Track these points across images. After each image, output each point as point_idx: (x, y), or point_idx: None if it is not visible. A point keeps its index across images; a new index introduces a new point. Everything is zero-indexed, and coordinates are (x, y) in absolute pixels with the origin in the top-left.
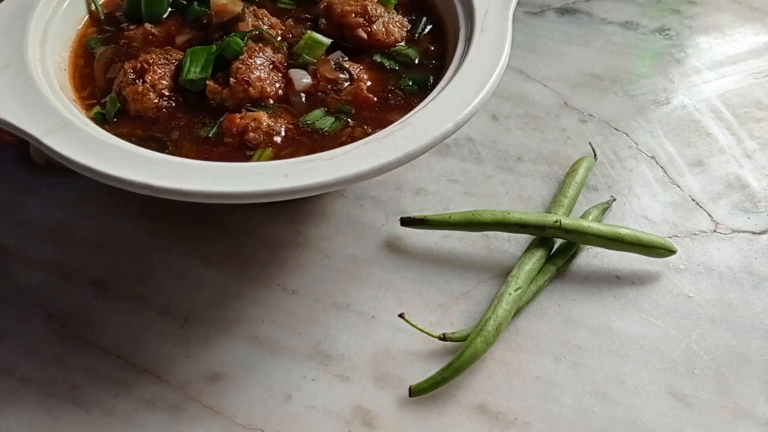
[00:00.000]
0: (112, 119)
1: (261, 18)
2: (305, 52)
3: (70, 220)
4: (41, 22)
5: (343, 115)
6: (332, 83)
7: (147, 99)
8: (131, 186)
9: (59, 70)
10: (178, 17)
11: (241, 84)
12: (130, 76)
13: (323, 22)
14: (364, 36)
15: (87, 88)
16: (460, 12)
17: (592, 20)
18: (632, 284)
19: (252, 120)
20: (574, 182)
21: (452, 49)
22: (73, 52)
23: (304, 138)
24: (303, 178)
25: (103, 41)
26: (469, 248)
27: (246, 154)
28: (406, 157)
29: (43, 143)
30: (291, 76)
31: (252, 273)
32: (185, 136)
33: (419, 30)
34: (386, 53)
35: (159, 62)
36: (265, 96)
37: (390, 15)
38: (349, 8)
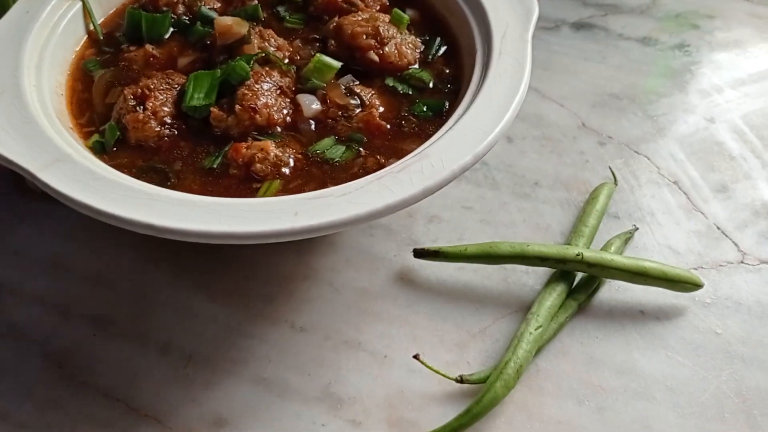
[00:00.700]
0: (111, 149)
1: (267, 39)
2: (314, 76)
3: (67, 250)
4: (37, 45)
5: (354, 143)
6: (343, 109)
7: (148, 127)
8: (132, 225)
9: (56, 96)
10: (180, 38)
11: (247, 111)
12: (130, 102)
13: (333, 44)
14: (375, 59)
15: (85, 114)
16: (476, 33)
17: (608, 36)
18: (657, 320)
19: (259, 150)
20: (594, 210)
21: (468, 72)
22: (71, 75)
23: (314, 169)
24: (314, 217)
25: (102, 64)
26: (485, 281)
27: (253, 186)
28: (423, 192)
29: (38, 178)
30: (299, 102)
31: (258, 308)
32: (188, 166)
33: (433, 52)
34: (399, 76)
35: (160, 87)
36: (273, 123)
37: (402, 36)
38: (360, 29)
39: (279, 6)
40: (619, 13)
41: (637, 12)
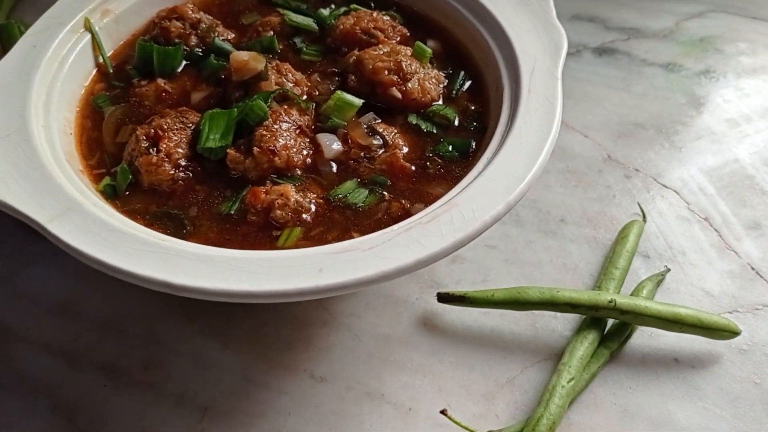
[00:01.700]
0: (123, 192)
1: (285, 74)
2: (335, 115)
3: (76, 293)
4: (45, 81)
5: (377, 186)
6: (365, 150)
7: (162, 171)
8: (148, 283)
9: (64, 135)
10: (193, 71)
11: (266, 154)
12: (142, 144)
13: (353, 79)
14: (398, 95)
15: (95, 155)
16: (502, 68)
17: (631, 61)
18: (692, 368)
19: (278, 196)
20: (624, 251)
21: (495, 109)
22: (80, 112)
23: (336, 214)
24: (340, 274)
25: (112, 99)
26: (512, 326)
27: (272, 234)
28: (454, 246)
29: (48, 231)
30: (320, 142)
31: (276, 356)
32: (204, 212)
33: (457, 86)
34: (422, 113)
35: (174, 127)
36: (292, 166)
37: (425, 71)
38: (382, 64)
39: (295, 37)
40: (641, 37)
41: (660, 36)
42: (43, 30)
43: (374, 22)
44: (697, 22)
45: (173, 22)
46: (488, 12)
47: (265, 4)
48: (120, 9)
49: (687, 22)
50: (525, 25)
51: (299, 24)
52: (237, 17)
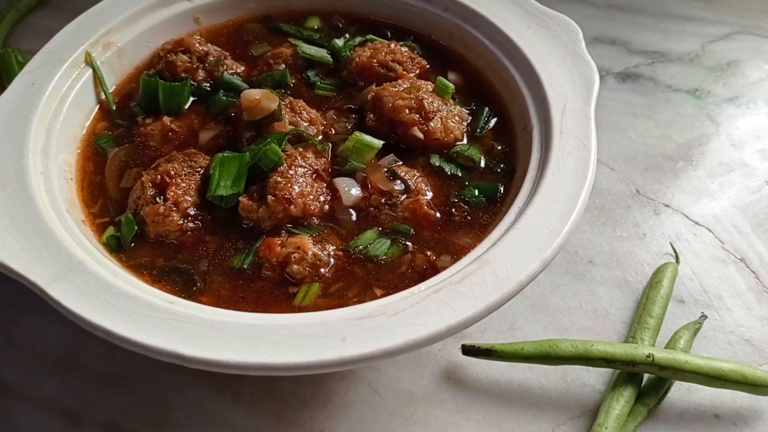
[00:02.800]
0: (128, 245)
1: (299, 112)
2: (353, 157)
3: (78, 344)
4: (44, 122)
5: (400, 236)
6: (386, 196)
7: (169, 221)
8: (157, 354)
9: (65, 181)
10: (201, 107)
11: (281, 202)
12: (148, 192)
13: (371, 118)
14: (420, 136)
15: (98, 202)
16: (530, 105)
17: (657, 87)
18: (734, 425)
19: (295, 249)
20: (659, 298)
21: (523, 149)
22: (81, 154)
23: (357, 268)
24: (365, 343)
25: (115, 139)
26: (542, 380)
27: (288, 290)
28: (488, 309)
29: (48, 294)
30: (337, 187)
31: (291, 414)
32: (216, 266)
33: (481, 124)
34: (445, 154)
35: (182, 173)
36: (309, 214)
37: (448, 108)
38: (402, 102)
39: (309, 70)
40: (666, 61)
41: (686, 60)
42: (41, 66)
43: (392, 54)
44: (723, 44)
45: (179, 55)
46: (513, 43)
47: (275, 33)
48: (123, 41)
49: (712, 44)
50: (553, 58)
51: (312, 56)
52: (246, 47)
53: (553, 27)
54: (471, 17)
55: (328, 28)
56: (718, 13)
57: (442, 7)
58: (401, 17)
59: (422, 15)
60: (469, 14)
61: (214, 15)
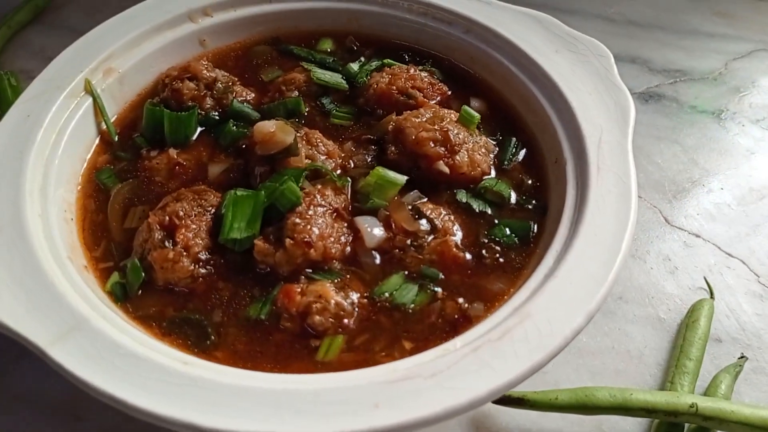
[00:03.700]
0: (134, 293)
1: (315, 144)
2: (375, 194)
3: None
4: (41, 158)
5: (428, 281)
6: (411, 236)
7: (179, 267)
8: (170, 424)
9: (65, 223)
10: (209, 138)
11: (300, 246)
12: (156, 235)
13: (393, 151)
14: (445, 170)
15: (100, 244)
16: (562, 137)
17: (680, 108)
18: None
19: (316, 297)
20: (697, 339)
21: (556, 185)
22: (82, 191)
23: (383, 317)
24: (400, 410)
25: (118, 174)
26: (576, 428)
27: (310, 344)
28: (532, 369)
29: (49, 357)
30: (359, 227)
31: None
32: (230, 317)
33: (509, 156)
34: (472, 189)
35: (191, 213)
36: (329, 258)
37: (474, 139)
38: (426, 135)
39: (323, 97)
40: (689, 80)
41: (709, 79)
42: (38, 95)
43: (412, 80)
44: (746, 62)
45: (186, 82)
46: (540, 69)
47: (285, 56)
48: (124, 67)
49: (736, 62)
50: (585, 85)
51: (327, 82)
52: (256, 72)
53: (583, 51)
54: (494, 40)
55: (342, 50)
56: (739, 29)
57: (464, 29)
58: (419, 39)
59: (442, 37)
60: (492, 37)
61: (220, 37)
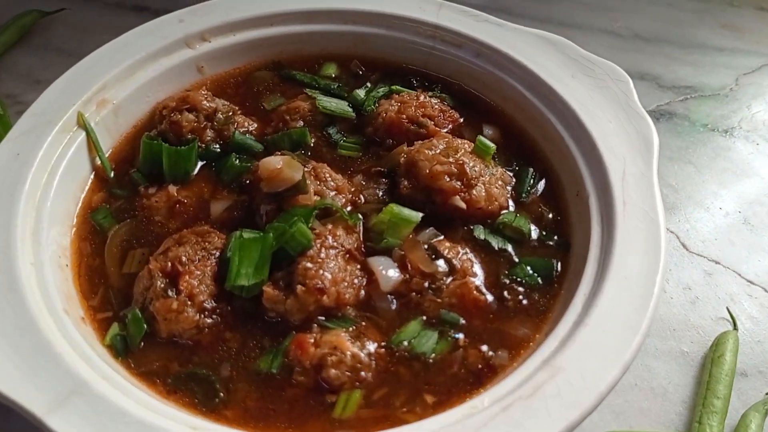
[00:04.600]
0: (136, 346)
1: (324, 180)
2: (389, 233)
3: None
4: (32, 200)
5: (448, 327)
6: (428, 278)
7: (184, 318)
8: None
9: (59, 270)
10: (210, 172)
11: (312, 293)
12: (158, 283)
13: (406, 185)
14: (462, 206)
15: (98, 291)
16: (583, 168)
17: (692, 127)
18: None
19: (331, 349)
20: (723, 375)
21: (579, 220)
22: (76, 233)
23: (402, 368)
24: None
25: (115, 214)
26: None
27: (326, 400)
28: (568, 428)
29: (47, 426)
30: (373, 269)
31: None
32: (239, 371)
33: (526, 188)
34: (489, 224)
35: (195, 258)
36: (343, 304)
37: (490, 171)
38: (441, 168)
39: (329, 127)
40: (700, 97)
41: (720, 96)
42: (28, 131)
43: (422, 108)
44: (757, 77)
45: (185, 114)
46: (557, 95)
47: (287, 82)
48: (119, 97)
49: (747, 77)
50: (604, 113)
51: (333, 111)
52: (257, 99)
53: (600, 76)
54: (507, 64)
55: (347, 75)
56: (747, 42)
57: (474, 53)
58: (428, 63)
59: (451, 61)
60: (504, 61)
61: (219, 63)
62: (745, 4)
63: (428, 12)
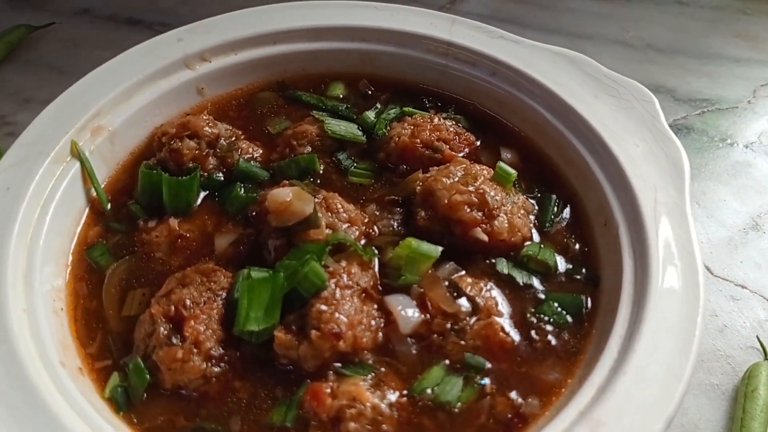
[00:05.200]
0: (139, 399)
1: (336, 211)
2: (407, 269)
3: None
4: (24, 237)
5: (473, 372)
6: (450, 319)
7: (190, 367)
8: None
9: (54, 315)
10: (213, 202)
11: (328, 339)
12: (161, 330)
13: (423, 216)
14: (484, 238)
15: (96, 337)
16: (610, 196)
17: (711, 142)
18: None
19: (350, 400)
20: (758, 411)
21: (608, 252)
22: (71, 273)
23: (426, 419)
24: None
25: (112, 250)
26: None
27: None
28: None
29: None
30: (391, 310)
31: None
32: (251, 425)
33: (550, 216)
34: (512, 257)
35: (200, 300)
36: (360, 349)
37: (512, 199)
38: (461, 198)
39: (339, 152)
40: (717, 110)
41: (738, 109)
42: (18, 163)
43: (437, 131)
44: None
45: (185, 141)
46: (579, 116)
47: (292, 103)
48: (115, 124)
49: (764, 89)
50: (631, 136)
51: (343, 137)
52: (261, 122)
53: (625, 96)
54: (525, 83)
55: (355, 95)
56: (763, 52)
57: (490, 72)
58: (440, 82)
59: (465, 80)
60: (522, 80)
61: (220, 84)
62: (759, 12)
63: (440, 28)
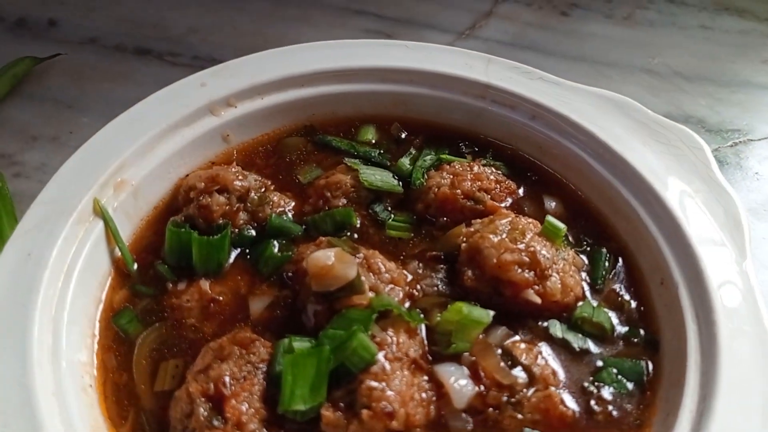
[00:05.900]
0: None
1: (378, 272)
2: (458, 336)
3: None
4: (48, 309)
5: None
6: (506, 390)
7: None
8: None
9: (84, 394)
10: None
11: (380, 419)
12: (201, 411)
13: (470, 276)
14: (537, 300)
15: (128, 416)
16: (667, 253)
17: (745, 176)
18: None
19: None
20: None
21: (666, 313)
22: (99, 342)
23: None
24: None
25: (141, 316)
26: None
27: None
28: None
29: None
30: (443, 381)
31: None
32: None
33: (601, 273)
34: (565, 319)
35: (240, 376)
36: (413, 426)
37: (562, 256)
38: (511, 258)
39: (375, 204)
40: (750, 141)
41: None
42: (38, 225)
43: (478, 180)
44: None
45: (215, 196)
46: (627, 164)
47: (322, 149)
48: (138, 177)
49: None
50: (682, 185)
51: (380, 188)
52: (290, 170)
53: (674, 142)
54: (567, 128)
55: (387, 140)
56: None
57: (529, 115)
58: (476, 125)
59: (503, 123)
60: (564, 124)
61: (246, 130)
62: None
63: (476, 69)
